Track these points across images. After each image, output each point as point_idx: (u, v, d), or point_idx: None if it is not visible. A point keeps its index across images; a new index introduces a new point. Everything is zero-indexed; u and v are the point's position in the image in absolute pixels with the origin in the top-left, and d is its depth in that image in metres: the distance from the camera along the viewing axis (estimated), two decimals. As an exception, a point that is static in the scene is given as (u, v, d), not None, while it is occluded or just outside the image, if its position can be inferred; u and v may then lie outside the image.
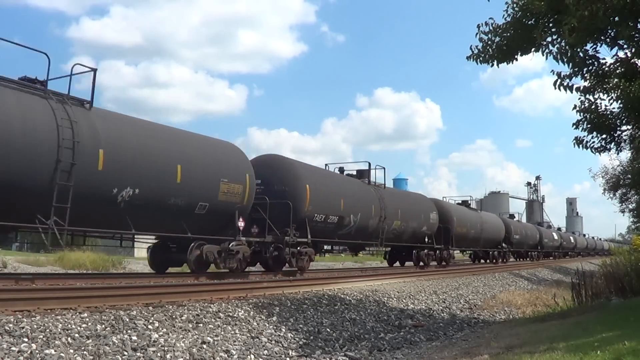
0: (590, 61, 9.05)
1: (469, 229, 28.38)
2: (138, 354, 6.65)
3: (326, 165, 20.39)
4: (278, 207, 14.63)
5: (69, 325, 6.88)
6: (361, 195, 19.23)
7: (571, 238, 63.00)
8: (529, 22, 9.23)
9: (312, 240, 15.73)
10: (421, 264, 23.70)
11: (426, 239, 24.26)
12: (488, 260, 34.16)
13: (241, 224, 13.29)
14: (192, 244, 12.30)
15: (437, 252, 25.30)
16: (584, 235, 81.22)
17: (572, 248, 60.49)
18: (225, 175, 12.98)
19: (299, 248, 15.39)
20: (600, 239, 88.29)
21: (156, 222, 11.73)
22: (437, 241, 24.85)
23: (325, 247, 19.76)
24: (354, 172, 20.91)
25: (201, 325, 8.23)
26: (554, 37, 9.00)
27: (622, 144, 10.29)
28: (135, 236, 12.46)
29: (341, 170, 20.58)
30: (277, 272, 15.14)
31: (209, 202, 12.51)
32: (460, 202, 31.50)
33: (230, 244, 12.98)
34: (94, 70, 10.96)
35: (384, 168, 21.64)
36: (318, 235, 16.33)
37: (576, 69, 9.05)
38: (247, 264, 14.20)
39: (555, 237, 52.44)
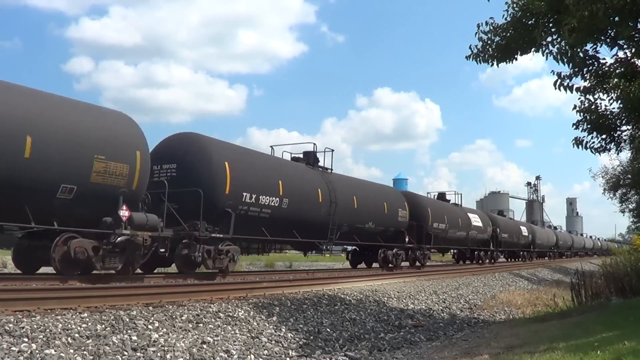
0: (590, 61, 9.06)
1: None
2: (138, 354, 6.66)
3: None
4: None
5: (69, 325, 6.88)
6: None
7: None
8: (529, 22, 9.24)
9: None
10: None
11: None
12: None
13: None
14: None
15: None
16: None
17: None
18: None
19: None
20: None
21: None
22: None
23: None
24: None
25: (201, 325, 8.23)
26: (554, 37, 9.01)
27: (622, 144, 10.31)
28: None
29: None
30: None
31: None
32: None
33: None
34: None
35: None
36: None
37: (576, 69, 9.06)
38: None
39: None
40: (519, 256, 41.02)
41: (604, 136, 9.88)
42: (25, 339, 6.20)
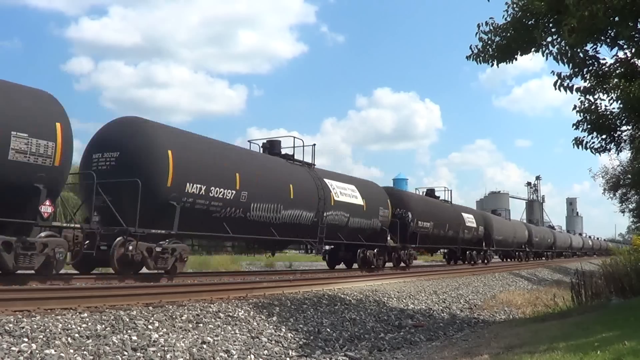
0: (590, 61, 9.06)
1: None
2: (138, 354, 6.66)
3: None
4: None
5: (69, 325, 6.88)
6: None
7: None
8: (529, 22, 9.24)
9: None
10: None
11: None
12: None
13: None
14: None
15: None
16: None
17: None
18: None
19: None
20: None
21: None
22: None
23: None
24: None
25: (201, 325, 8.23)
26: (554, 37, 9.00)
27: (622, 144, 10.31)
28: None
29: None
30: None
31: None
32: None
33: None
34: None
35: (314, 145, 18.18)
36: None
37: (576, 70, 9.05)
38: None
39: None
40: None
41: (604, 136, 9.88)
42: (25, 339, 6.20)
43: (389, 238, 20.52)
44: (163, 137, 12.06)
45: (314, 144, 18.21)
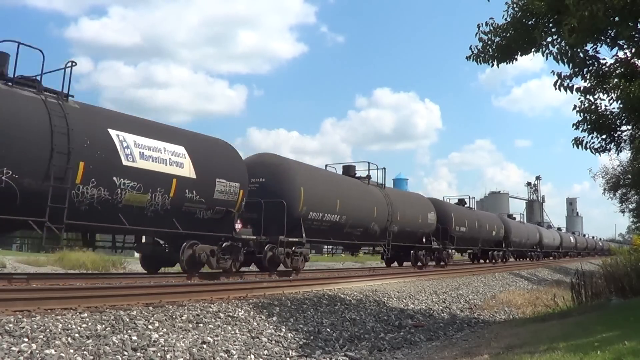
0: (590, 61, 9.06)
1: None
2: (138, 354, 6.66)
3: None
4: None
5: (69, 325, 6.88)
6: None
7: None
8: (529, 22, 9.24)
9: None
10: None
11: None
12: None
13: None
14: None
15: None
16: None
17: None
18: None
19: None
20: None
21: None
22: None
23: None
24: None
25: (201, 325, 8.23)
26: (554, 37, 9.00)
27: (622, 144, 10.28)
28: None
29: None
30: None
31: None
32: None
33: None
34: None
35: (385, 168, 21.63)
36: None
37: (576, 70, 9.05)
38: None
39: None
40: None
41: (604, 136, 9.87)
42: (25, 339, 6.20)
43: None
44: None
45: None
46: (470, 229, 28.38)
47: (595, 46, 8.95)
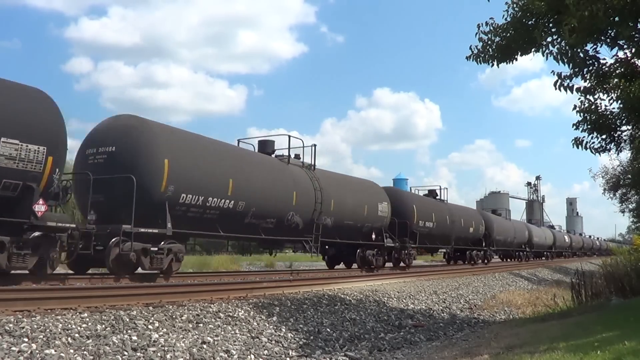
0: (590, 61, 9.05)
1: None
2: (138, 354, 6.66)
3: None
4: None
5: (69, 325, 6.88)
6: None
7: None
8: (529, 22, 9.24)
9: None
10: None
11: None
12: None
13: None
14: None
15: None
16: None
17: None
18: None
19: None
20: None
21: None
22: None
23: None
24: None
25: (201, 325, 8.23)
26: (554, 37, 9.00)
27: (622, 144, 10.29)
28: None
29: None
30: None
31: None
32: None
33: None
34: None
35: (315, 145, 17.56)
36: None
37: (576, 70, 9.04)
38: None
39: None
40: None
41: (604, 136, 9.87)
42: (25, 339, 6.20)
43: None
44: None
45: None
46: (440, 225, 24.51)
47: (595, 46, 8.95)
